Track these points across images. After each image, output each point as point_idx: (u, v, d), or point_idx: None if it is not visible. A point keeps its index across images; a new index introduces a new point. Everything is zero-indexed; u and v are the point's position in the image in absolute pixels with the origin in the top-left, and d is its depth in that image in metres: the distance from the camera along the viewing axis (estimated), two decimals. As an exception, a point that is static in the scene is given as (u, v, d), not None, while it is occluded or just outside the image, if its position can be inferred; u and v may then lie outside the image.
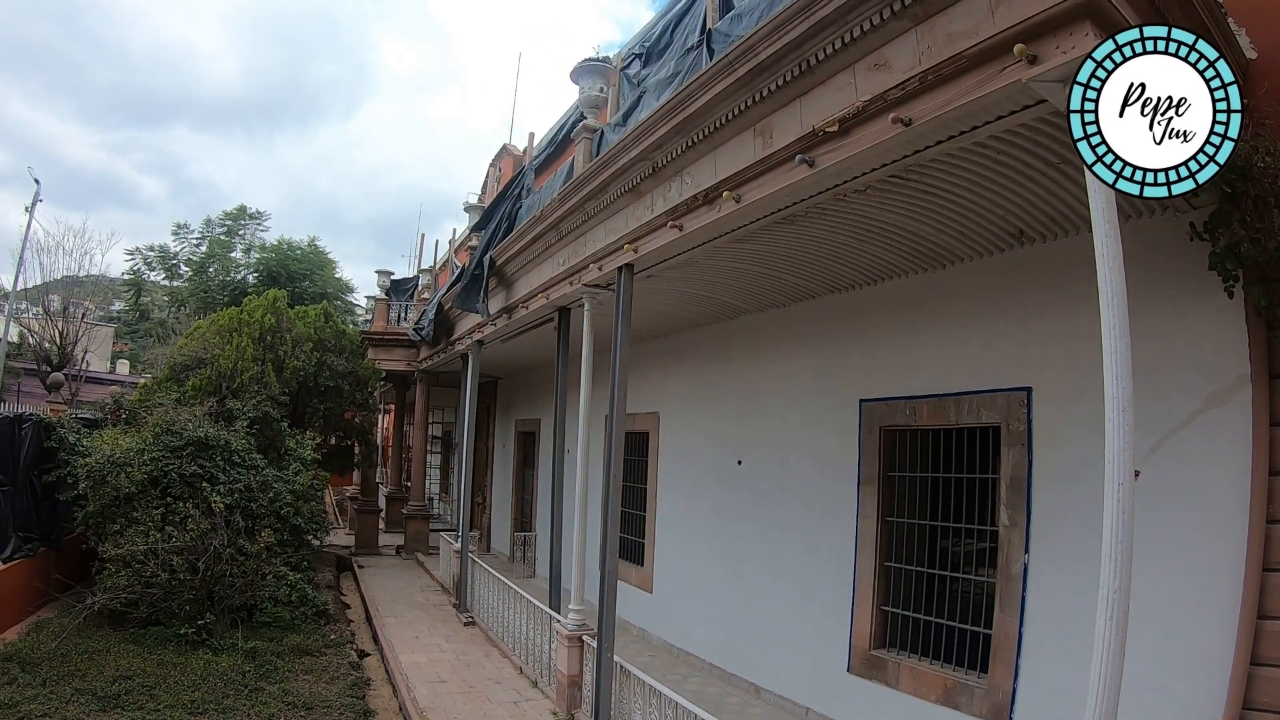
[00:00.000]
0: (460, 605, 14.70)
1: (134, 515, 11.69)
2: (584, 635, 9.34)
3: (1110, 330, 3.85)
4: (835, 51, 5.26)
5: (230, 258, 34.22)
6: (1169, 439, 5.92)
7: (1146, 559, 5.32)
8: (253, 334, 16.37)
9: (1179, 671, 5.64)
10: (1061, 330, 6.72)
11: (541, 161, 15.49)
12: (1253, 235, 5.04)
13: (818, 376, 9.69)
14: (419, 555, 20.86)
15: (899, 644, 8.32)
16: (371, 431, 22.62)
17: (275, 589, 12.53)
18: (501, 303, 13.13)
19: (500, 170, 23.53)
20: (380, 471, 29.50)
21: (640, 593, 13.32)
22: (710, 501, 11.71)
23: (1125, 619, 3.76)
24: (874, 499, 8.64)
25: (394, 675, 11.10)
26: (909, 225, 7.19)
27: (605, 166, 8.48)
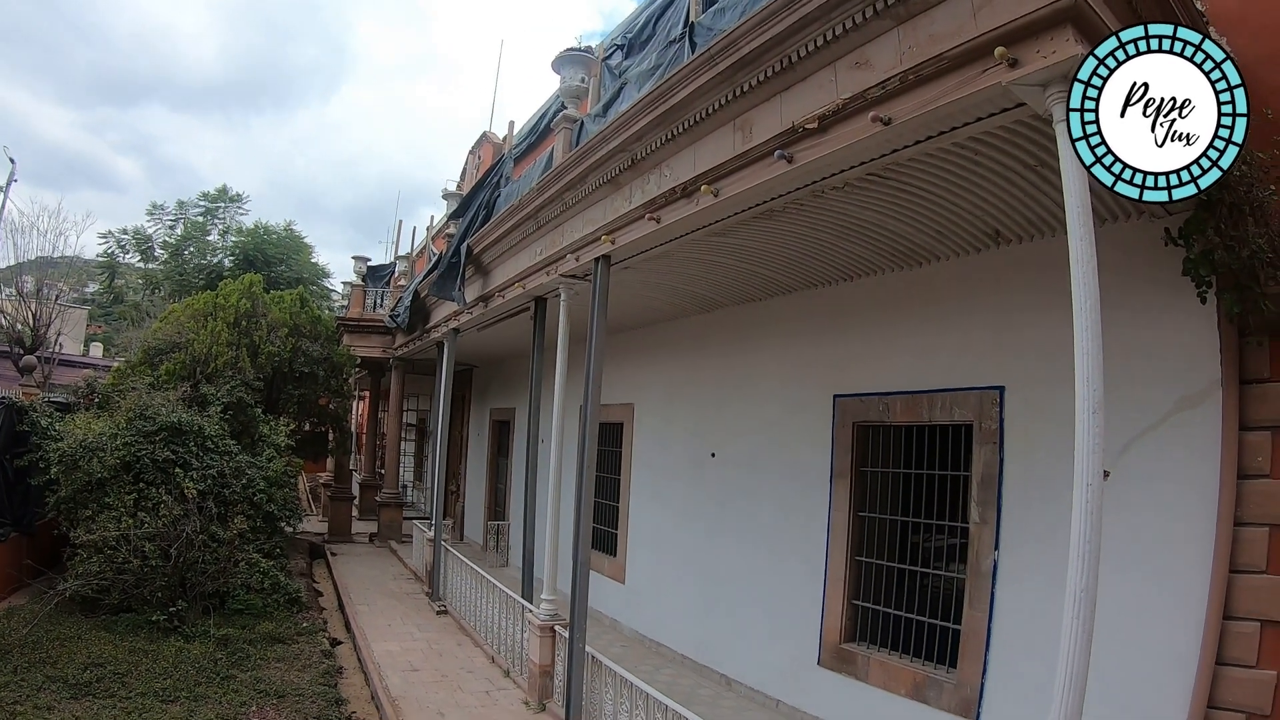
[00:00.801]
0: (433, 594, 14.67)
1: (106, 501, 11.60)
2: (556, 625, 9.35)
3: (1083, 333, 3.88)
4: (817, 49, 5.26)
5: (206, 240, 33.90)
6: (1140, 440, 5.98)
7: (1115, 558, 5.41)
8: (228, 319, 16.24)
9: (1146, 670, 5.71)
10: (1035, 331, 6.76)
11: (521, 150, 15.43)
12: (1227, 243, 5.08)
13: (793, 370, 9.72)
14: (392, 543, 20.78)
15: (869, 638, 8.37)
16: (346, 418, 22.50)
17: (248, 576, 12.47)
18: (478, 291, 13.08)
19: (480, 158, 23.42)
20: (354, 458, 29.37)
21: (613, 583, 13.34)
22: (683, 493, 11.72)
23: (1092, 618, 3.81)
24: (846, 494, 8.68)
25: (366, 664, 11.07)
26: (887, 223, 7.21)
27: (584, 157, 8.45)
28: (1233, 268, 5.18)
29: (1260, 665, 5.22)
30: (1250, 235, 5.03)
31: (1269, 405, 5.43)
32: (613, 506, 13.73)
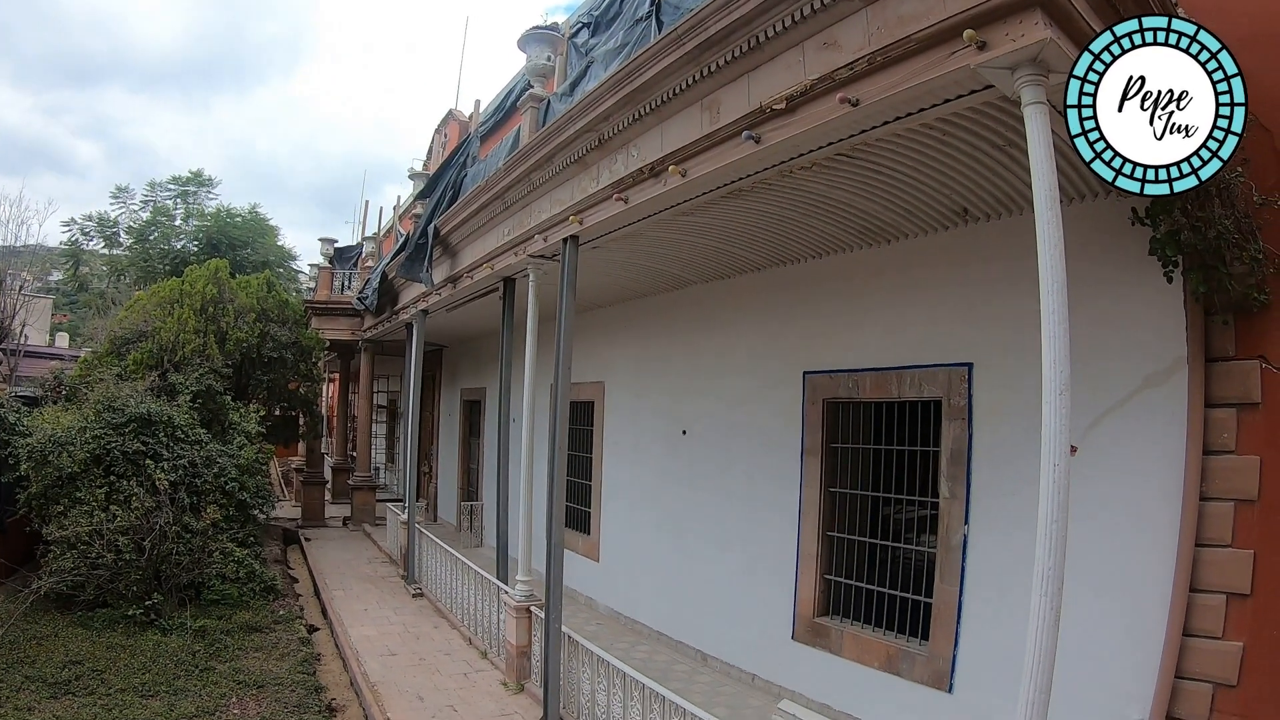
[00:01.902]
0: (408, 577, 14.66)
1: (77, 495, 11.51)
2: (532, 606, 9.38)
3: (1050, 315, 3.90)
4: (785, 29, 5.24)
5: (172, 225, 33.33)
6: (1107, 416, 6.06)
7: (1083, 533, 5.48)
8: (194, 305, 16.04)
9: (1115, 642, 5.82)
10: (1003, 308, 6.81)
11: (488, 129, 15.30)
12: (1193, 223, 5.12)
13: (763, 348, 9.75)
14: (366, 526, 20.73)
15: (842, 612, 8.47)
16: (316, 402, 22.32)
17: (223, 566, 12.43)
18: (446, 272, 13.01)
19: (446, 136, 23.24)
20: (325, 442, 29.18)
21: (587, 561, 13.38)
22: (656, 471, 11.76)
23: (1059, 594, 3.86)
24: (817, 470, 8.74)
25: (344, 649, 11.08)
26: (855, 202, 7.22)
27: (551, 138, 8.39)
28: (1198, 248, 5.23)
29: (1226, 637, 5.32)
30: (1217, 216, 5.08)
31: (1233, 383, 5.51)
32: (586, 485, 13.75)
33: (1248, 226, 5.24)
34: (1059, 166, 4.02)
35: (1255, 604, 5.25)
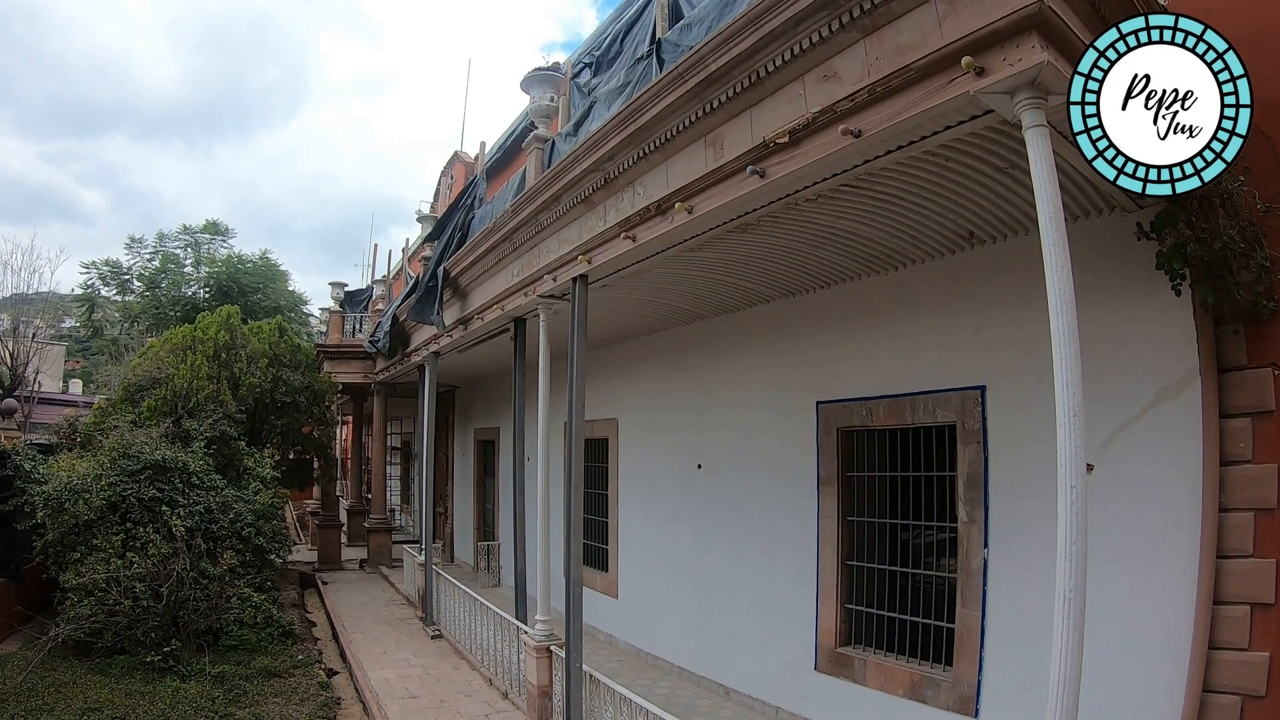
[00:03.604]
0: (426, 618, 14.61)
1: (94, 542, 11.52)
2: (552, 646, 9.33)
3: (1060, 336, 3.91)
4: (785, 63, 5.29)
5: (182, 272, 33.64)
6: (1122, 432, 6.05)
7: (1103, 550, 5.45)
8: (207, 352, 16.18)
9: (1140, 657, 5.77)
10: (1014, 329, 6.82)
11: (493, 169, 15.45)
12: (1198, 235, 5.13)
13: (774, 379, 9.76)
14: (383, 568, 20.71)
15: (865, 640, 8.41)
16: (330, 445, 22.41)
17: (240, 611, 12.41)
18: (457, 314, 13.07)
19: (452, 178, 23.38)
20: (340, 485, 29.21)
21: (606, 598, 13.32)
22: (672, 505, 11.74)
23: (1082, 617, 3.84)
24: (834, 499, 8.72)
25: (364, 693, 11.01)
26: (861, 230, 7.26)
27: (557, 178, 8.47)
28: (1205, 260, 5.23)
29: (1253, 648, 5.28)
30: (1222, 227, 5.09)
31: (1247, 392, 5.51)
32: (602, 522, 13.72)
33: (1253, 235, 5.25)
34: (1062, 185, 4.04)
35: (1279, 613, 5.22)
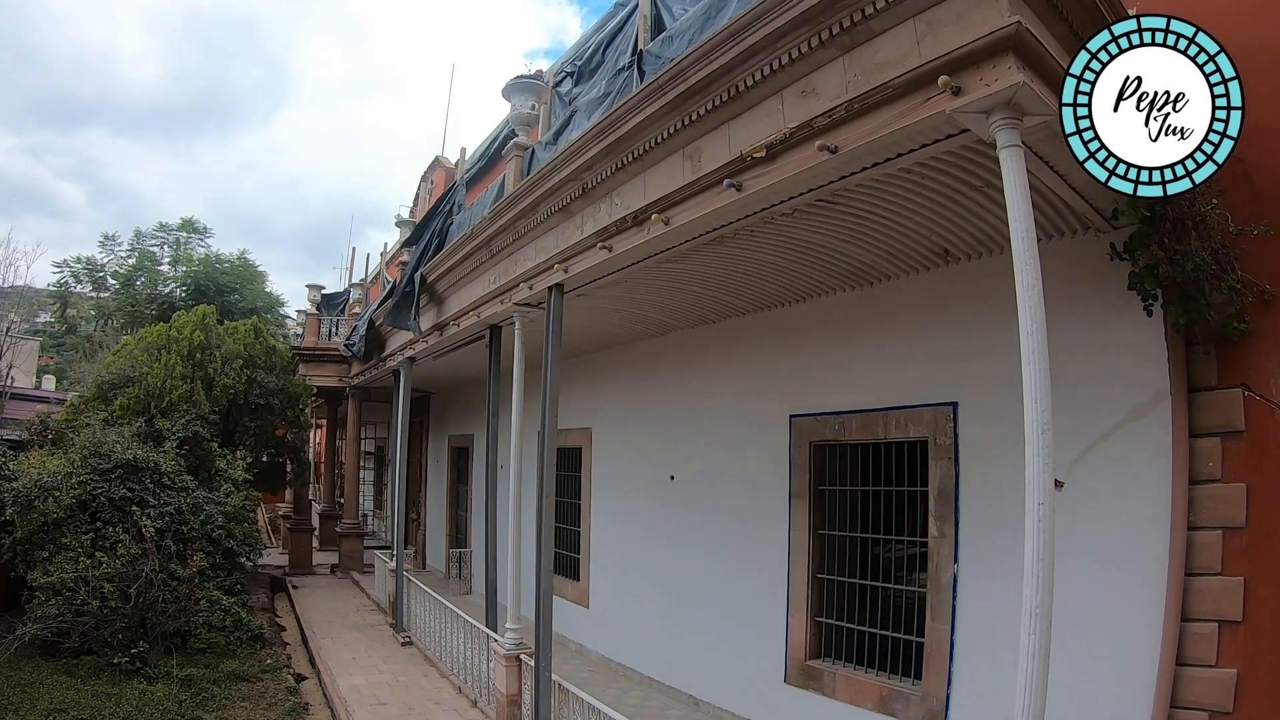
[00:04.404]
0: (397, 625, 14.54)
1: (63, 541, 11.43)
2: (522, 654, 9.30)
3: (1030, 354, 3.94)
4: (764, 78, 5.33)
5: (158, 270, 33.29)
6: (1093, 450, 6.09)
7: (1073, 566, 5.48)
8: (181, 351, 16.05)
9: (1108, 675, 5.80)
10: (986, 346, 6.85)
11: (473, 176, 15.41)
12: (1171, 257, 5.17)
13: (748, 392, 9.77)
14: (354, 574, 20.57)
15: (834, 654, 8.42)
16: (303, 448, 22.27)
17: (209, 614, 12.34)
18: (433, 320, 13.03)
19: (432, 183, 23.37)
20: (313, 489, 29.01)
21: (577, 608, 13.29)
22: (644, 516, 11.72)
23: (1049, 633, 3.86)
24: (805, 512, 8.73)
25: (332, 699, 10.93)
26: (837, 246, 7.29)
27: (536, 186, 8.47)
28: (1177, 280, 5.28)
29: (1221, 664, 5.33)
30: (1194, 249, 5.13)
31: (1217, 412, 5.58)
32: (574, 531, 13.69)
33: (1225, 257, 5.31)
34: (1036, 205, 4.09)
35: (1248, 630, 5.28)
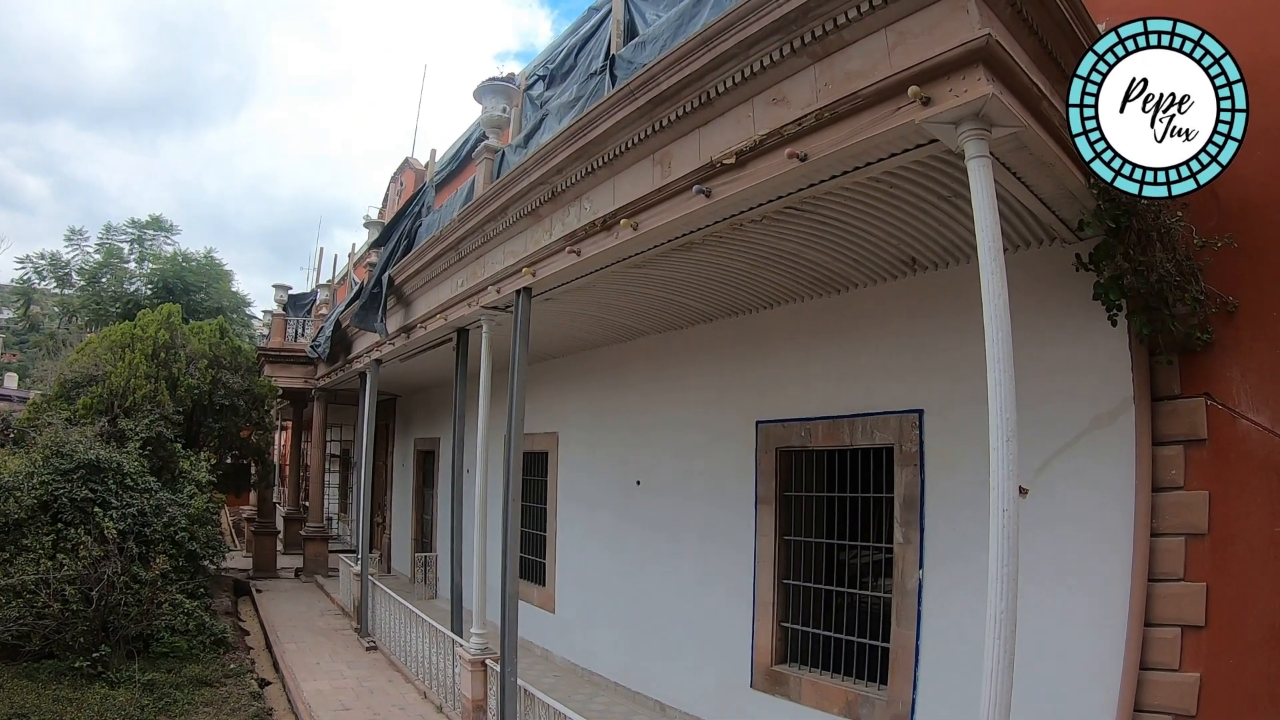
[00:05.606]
0: (362, 629, 14.42)
1: (24, 542, 11.23)
2: (487, 659, 9.25)
3: (995, 362, 3.97)
4: (735, 85, 5.35)
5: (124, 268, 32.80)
6: (1057, 457, 6.16)
7: (1037, 572, 5.55)
8: (146, 350, 15.82)
9: (1073, 680, 5.86)
10: (952, 354, 6.91)
11: (443, 179, 15.36)
12: (1135, 268, 5.23)
13: (715, 398, 9.78)
14: (319, 578, 20.39)
15: (801, 659, 8.45)
16: (268, 451, 22.07)
17: (172, 618, 12.17)
18: (400, 322, 12.96)
19: (402, 184, 23.20)
20: (278, 491, 28.75)
21: (543, 613, 13.24)
22: (611, 521, 11.71)
23: (1014, 638, 3.90)
24: (771, 518, 8.75)
25: (296, 704, 10.82)
26: (805, 253, 7.32)
27: (505, 189, 8.44)
28: (1142, 291, 5.35)
29: (1184, 669, 5.42)
30: (1158, 260, 5.20)
31: (1180, 420, 5.67)
32: (540, 536, 13.65)
33: (1189, 269, 5.39)
34: (1003, 215, 4.12)
35: (1210, 635, 5.36)
